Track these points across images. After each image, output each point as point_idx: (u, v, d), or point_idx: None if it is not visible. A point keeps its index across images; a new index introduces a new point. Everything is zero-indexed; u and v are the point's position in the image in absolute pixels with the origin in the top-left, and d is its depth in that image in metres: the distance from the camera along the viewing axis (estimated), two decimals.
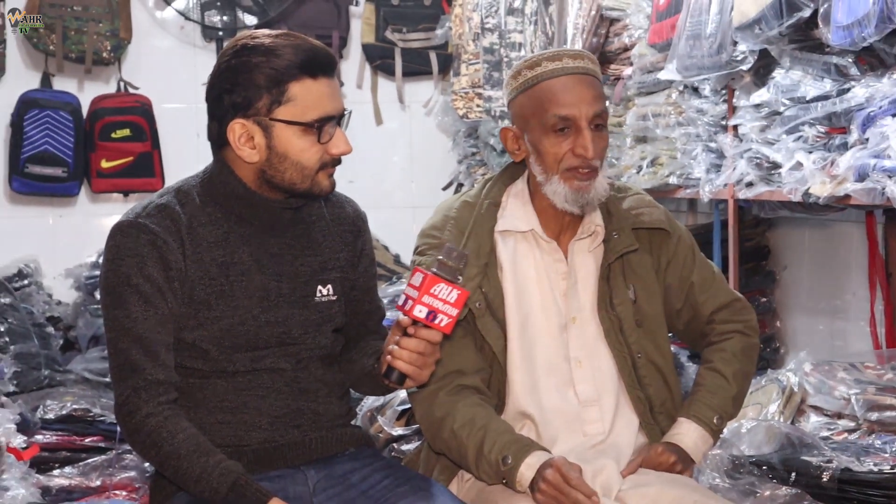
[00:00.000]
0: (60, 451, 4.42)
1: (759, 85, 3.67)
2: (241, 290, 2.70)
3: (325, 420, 2.79)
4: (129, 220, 2.67)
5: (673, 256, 2.95)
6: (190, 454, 2.55)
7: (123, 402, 2.61)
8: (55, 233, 5.99)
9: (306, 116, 2.63)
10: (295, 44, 2.65)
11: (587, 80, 2.82)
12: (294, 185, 2.68)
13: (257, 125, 2.64)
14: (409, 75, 6.38)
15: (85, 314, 5.36)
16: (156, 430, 2.57)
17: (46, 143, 5.75)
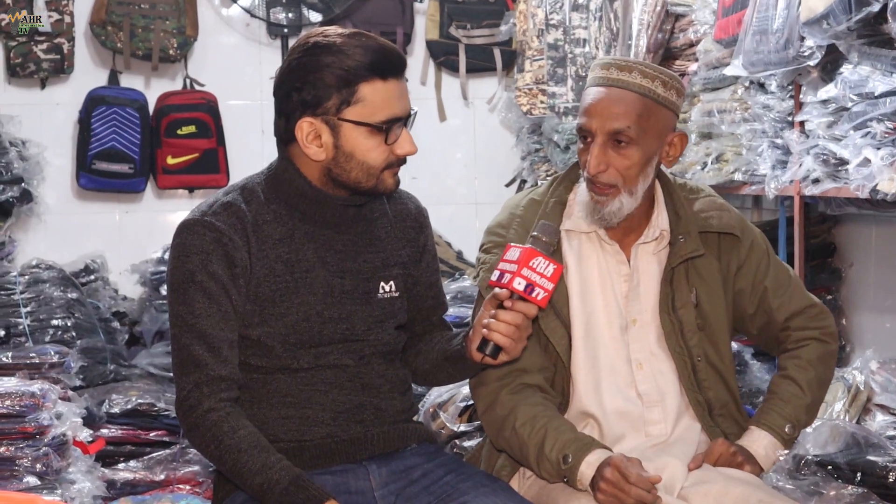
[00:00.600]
0: (125, 444, 4.46)
1: (826, 80, 3.63)
2: (306, 287, 2.70)
3: (388, 415, 2.79)
4: (195, 218, 2.69)
5: (745, 261, 2.91)
6: (251, 449, 2.56)
7: (185, 396, 2.63)
8: (121, 229, 6.04)
9: (375, 118, 2.64)
10: (366, 44, 2.65)
11: (620, 94, 2.77)
12: (359, 183, 2.69)
13: (325, 124, 2.65)
14: (472, 72, 6.36)
15: (150, 309, 5.39)
16: (216, 424, 2.58)
17: (113, 140, 5.79)
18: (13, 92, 5.89)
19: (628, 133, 2.75)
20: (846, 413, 3.84)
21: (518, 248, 2.61)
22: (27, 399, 3.49)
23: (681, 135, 2.88)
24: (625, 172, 2.77)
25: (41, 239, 5.87)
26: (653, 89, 2.79)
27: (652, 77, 2.80)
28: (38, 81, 5.89)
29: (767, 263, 2.94)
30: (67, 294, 5.03)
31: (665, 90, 2.81)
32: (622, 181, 2.77)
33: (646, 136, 2.78)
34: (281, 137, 2.74)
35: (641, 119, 2.76)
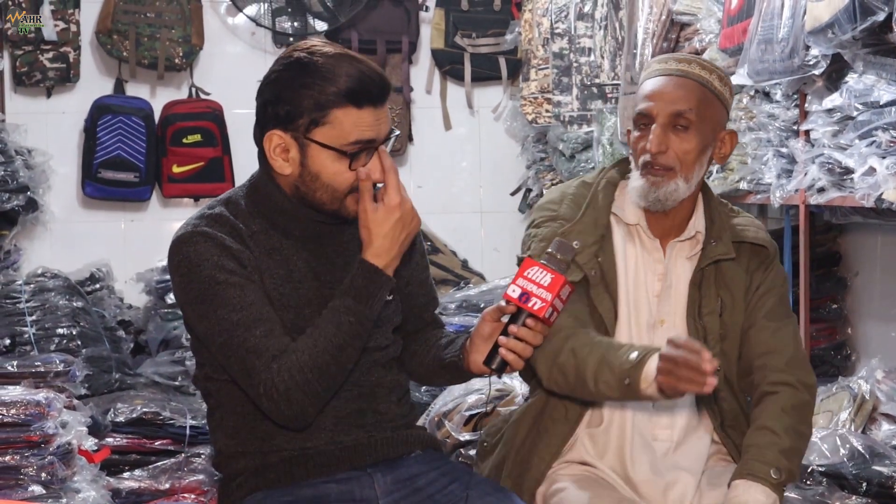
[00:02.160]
0: (130, 453, 4.45)
1: (831, 89, 3.62)
2: (301, 299, 2.69)
3: (388, 420, 2.79)
4: (189, 231, 2.66)
5: (765, 278, 2.91)
6: (318, 330, 2.61)
7: (265, 390, 2.58)
8: (127, 237, 6.04)
9: (341, 141, 2.62)
10: (349, 70, 2.61)
11: (679, 80, 2.82)
12: (323, 204, 2.68)
13: (294, 140, 2.64)
14: (478, 80, 6.37)
15: (155, 318, 5.39)
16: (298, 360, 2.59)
17: (119, 149, 5.80)
18: (19, 101, 5.90)
19: (689, 116, 2.79)
20: (851, 423, 3.84)
21: (548, 273, 2.59)
22: (32, 408, 3.49)
23: (732, 133, 2.92)
24: (683, 157, 2.79)
25: (47, 247, 5.88)
26: (711, 80, 2.84)
27: (710, 70, 2.86)
28: (44, 90, 5.90)
29: (781, 291, 2.93)
30: (73, 303, 5.04)
31: (721, 84, 2.87)
32: (679, 165, 2.80)
33: (704, 123, 2.82)
34: (256, 142, 2.73)
35: (701, 105, 2.81)
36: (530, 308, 2.58)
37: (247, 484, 2.71)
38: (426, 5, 6.31)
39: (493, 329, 2.70)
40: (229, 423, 2.74)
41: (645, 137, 2.81)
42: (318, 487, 2.67)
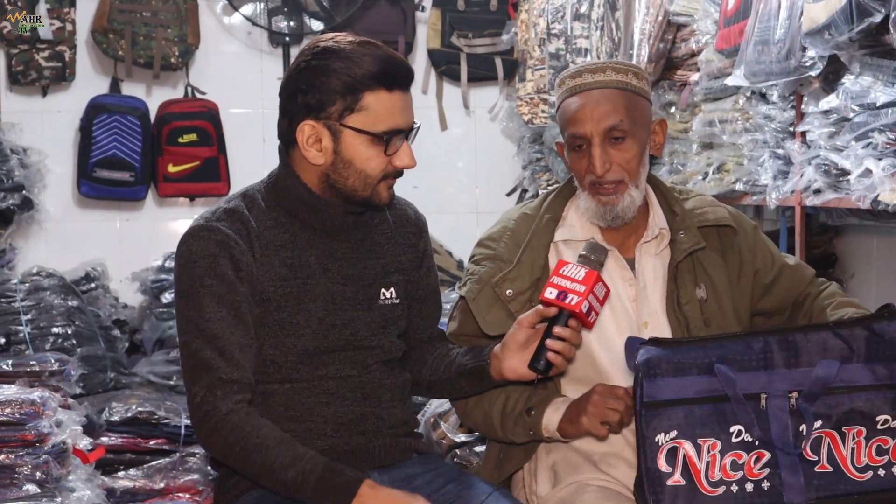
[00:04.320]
0: (125, 453, 4.46)
1: (827, 91, 3.62)
2: (308, 294, 2.70)
3: (388, 426, 2.79)
4: (200, 225, 2.69)
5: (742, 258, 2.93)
6: (278, 445, 2.55)
7: (200, 402, 2.60)
8: (122, 237, 6.04)
9: (376, 127, 2.64)
10: (375, 53, 2.65)
11: (602, 93, 2.82)
12: (355, 191, 2.69)
13: (327, 129, 2.66)
14: (474, 81, 6.37)
15: (150, 317, 5.40)
16: (238, 426, 2.57)
17: (115, 148, 5.79)
18: (15, 100, 5.90)
19: (622, 127, 2.80)
20: None
21: (582, 269, 2.64)
22: (27, 407, 3.49)
23: (661, 121, 2.97)
24: (627, 166, 2.81)
25: (42, 247, 5.88)
26: (628, 82, 2.86)
27: (624, 71, 2.87)
28: (39, 89, 5.90)
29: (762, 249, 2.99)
30: (68, 302, 5.04)
31: (638, 81, 2.89)
32: (627, 175, 2.82)
33: (637, 127, 2.84)
34: (283, 139, 2.75)
35: (629, 112, 2.82)
36: (568, 304, 2.62)
37: (242, 483, 2.72)
38: (422, 5, 6.31)
39: (528, 335, 2.70)
40: None
41: (584, 158, 2.83)
42: None
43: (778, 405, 2.52)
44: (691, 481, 2.51)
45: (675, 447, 2.52)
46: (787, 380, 2.54)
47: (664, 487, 2.52)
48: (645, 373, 2.54)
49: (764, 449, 2.52)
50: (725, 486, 2.51)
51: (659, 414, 2.53)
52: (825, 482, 2.52)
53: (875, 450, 2.54)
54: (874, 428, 2.54)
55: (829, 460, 2.53)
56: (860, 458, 2.53)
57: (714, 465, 2.52)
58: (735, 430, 2.52)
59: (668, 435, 2.52)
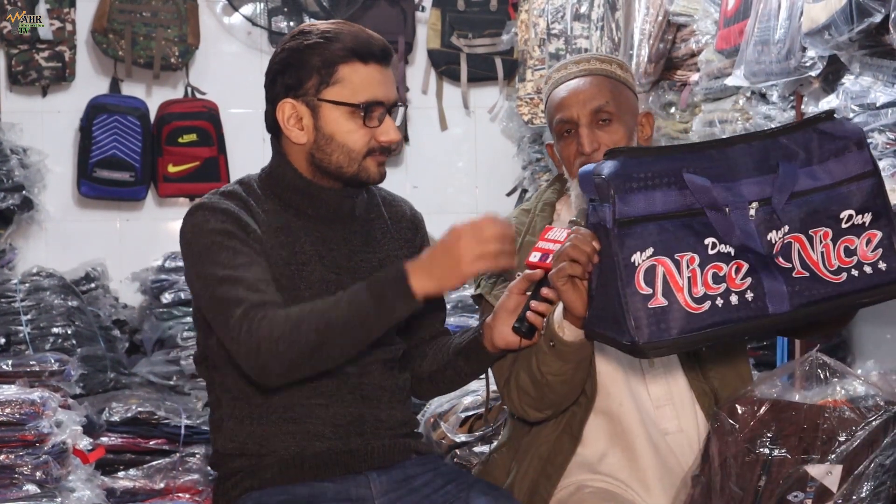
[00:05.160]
0: (125, 453, 4.47)
1: (827, 91, 3.63)
2: (303, 282, 2.70)
3: (388, 427, 2.79)
4: (203, 202, 2.70)
5: None
6: (314, 305, 2.57)
7: (237, 334, 2.55)
8: (122, 237, 6.04)
9: (353, 98, 2.66)
10: (350, 30, 2.70)
11: (586, 79, 2.85)
12: (341, 168, 2.70)
13: (306, 105, 2.68)
14: (474, 81, 6.37)
15: (150, 318, 5.39)
16: (274, 318, 2.53)
17: (115, 148, 5.79)
18: (14, 100, 5.89)
19: (608, 109, 2.83)
20: None
21: (562, 230, 2.64)
22: (27, 407, 3.50)
23: (647, 114, 2.98)
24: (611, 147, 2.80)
25: (42, 247, 5.88)
26: (613, 71, 2.90)
27: (609, 62, 2.91)
28: (39, 89, 5.90)
29: None
30: (68, 302, 5.04)
31: (623, 72, 2.92)
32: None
33: (623, 112, 2.86)
34: (269, 127, 2.77)
35: (615, 96, 2.85)
36: (549, 264, 2.62)
37: (242, 483, 2.72)
38: (422, 5, 6.31)
39: (518, 301, 2.71)
40: (228, 425, 2.75)
41: (573, 143, 2.83)
42: (314, 486, 2.68)
43: (741, 215, 2.43)
44: (674, 300, 2.38)
45: (652, 266, 2.39)
46: (748, 189, 2.46)
47: (645, 311, 2.38)
48: (617, 188, 2.39)
49: (742, 259, 2.42)
50: (710, 300, 2.39)
51: (632, 232, 2.39)
52: (805, 288, 2.45)
53: (843, 251, 2.50)
54: (839, 228, 2.49)
55: (802, 265, 2.46)
56: (831, 261, 2.48)
57: (696, 279, 2.40)
58: (710, 243, 2.42)
59: (645, 253, 2.39)
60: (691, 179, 2.42)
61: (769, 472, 2.61)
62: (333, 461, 2.72)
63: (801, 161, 2.51)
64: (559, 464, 2.82)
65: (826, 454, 2.59)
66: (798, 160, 2.50)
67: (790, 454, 2.62)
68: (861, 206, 2.52)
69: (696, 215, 2.42)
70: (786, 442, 2.62)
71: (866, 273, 2.50)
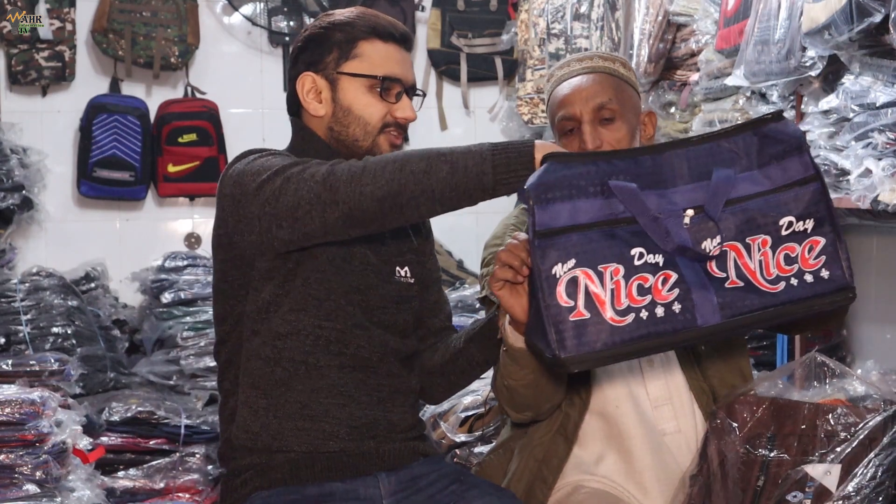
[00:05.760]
0: (125, 453, 4.47)
1: (827, 91, 3.63)
2: (324, 251, 2.69)
3: (399, 430, 2.80)
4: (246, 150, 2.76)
5: None
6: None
7: (272, 179, 2.54)
8: (122, 237, 6.04)
9: (372, 71, 2.74)
10: (372, 13, 2.79)
11: (589, 77, 2.87)
12: (357, 142, 2.76)
13: (325, 79, 2.76)
14: (474, 81, 6.37)
15: (150, 317, 5.39)
16: (356, 162, 2.51)
17: (115, 148, 5.79)
18: (14, 100, 5.89)
19: (611, 106, 2.84)
20: None
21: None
22: (27, 407, 3.50)
23: (650, 113, 2.99)
24: (618, 146, 2.81)
25: (42, 246, 5.88)
26: (616, 69, 2.91)
27: (612, 60, 2.93)
28: (39, 89, 5.90)
29: None
30: (68, 302, 5.04)
31: (626, 70, 2.94)
32: None
33: (626, 110, 2.87)
34: (289, 108, 2.85)
35: (618, 94, 2.87)
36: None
37: (251, 482, 2.73)
38: (422, 5, 6.31)
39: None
40: (242, 414, 2.76)
41: (575, 141, 2.84)
42: (324, 486, 2.70)
43: (675, 223, 2.36)
44: (596, 313, 2.31)
45: (574, 277, 2.32)
46: (682, 196, 2.38)
47: (566, 324, 2.31)
48: (536, 198, 2.34)
49: (670, 269, 2.35)
50: (634, 312, 2.32)
51: (554, 243, 2.33)
52: (738, 298, 2.37)
53: (783, 259, 2.41)
54: (778, 235, 2.41)
55: (737, 275, 2.38)
56: (769, 270, 2.39)
57: (619, 291, 2.33)
58: (636, 253, 2.35)
59: (566, 265, 2.32)
60: (618, 187, 2.35)
61: (768, 472, 2.62)
62: (345, 463, 2.73)
63: (741, 166, 2.43)
64: (555, 466, 2.82)
65: (825, 454, 2.59)
66: (738, 165, 2.43)
67: (789, 454, 2.62)
68: (803, 213, 2.43)
69: (623, 224, 2.35)
70: (784, 442, 2.63)
71: (806, 282, 2.42)
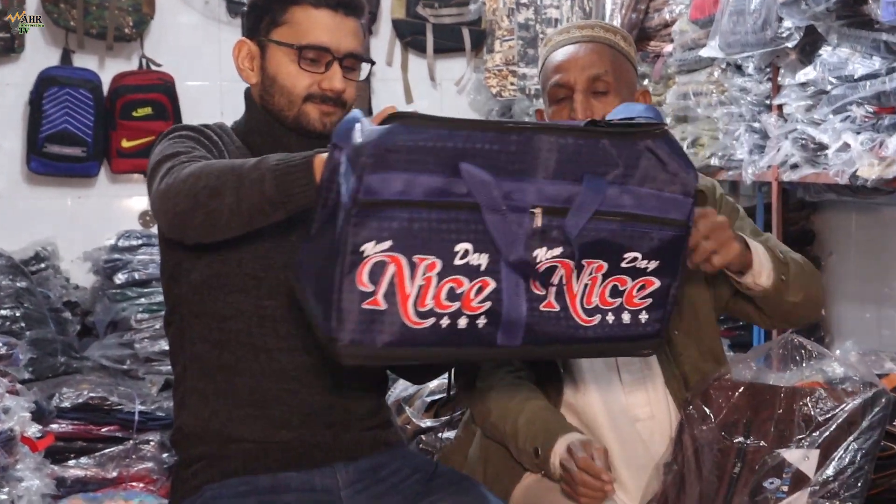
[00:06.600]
0: (76, 440, 4.42)
1: (804, 63, 3.62)
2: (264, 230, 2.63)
3: (358, 418, 2.76)
4: (177, 125, 2.76)
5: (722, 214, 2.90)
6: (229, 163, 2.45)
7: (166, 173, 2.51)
8: (73, 215, 5.99)
9: (294, 40, 2.71)
10: None
11: (588, 46, 2.84)
12: (282, 111, 2.73)
13: (257, 45, 2.76)
14: (440, 52, 6.34)
15: (103, 299, 5.36)
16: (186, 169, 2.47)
17: (66, 122, 5.74)
18: None
19: (606, 79, 2.81)
20: None
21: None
22: None
23: (644, 91, 2.96)
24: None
25: None
26: (616, 42, 2.88)
27: (613, 31, 2.90)
28: None
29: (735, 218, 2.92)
30: (16, 283, 5.00)
31: (626, 44, 2.91)
32: None
33: (621, 85, 2.84)
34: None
35: (615, 67, 2.84)
36: None
37: (203, 473, 2.69)
38: None
39: None
40: (192, 400, 2.73)
41: (565, 110, 2.83)
42: (278, 477, 2.66)
43: (517, 220, 2.13)
44: (394, 306, 2.08)
45: (383, 262, 2.06)
46: (540, 192, 2.14)
47: (356, 309, 2.07)
48: (369, 159, 2.03)
49: (490, 277, 2.12)
50: (435, 318, 2.10)
51: (374, 216, 2.04)
52: (546, 323, 2.19)
53: (610, 290, 2.24)
54: (617, 265, 2.22)
55: (557, 297, 2.19)
56: (590, 298, 2.22)
57: (427, 290, 2.09)
58: (461, 250, 2.10)
59: (380, 245, 2.05)
60: (470, 173, 2.09)
61: (744, 458, 2.61)
62: (299, 453, 2.69)
63: (615, 175, 2.20)
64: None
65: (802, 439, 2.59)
66: (612, 174, 2.20)
67: (766, 440, 2.61)
68: (650, 253, 2.24)
69: (463, 209, 2.10)
70: (761, 427, 2.62)
71: (622, 321, 2.26)
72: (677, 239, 2.26)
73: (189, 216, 2.42)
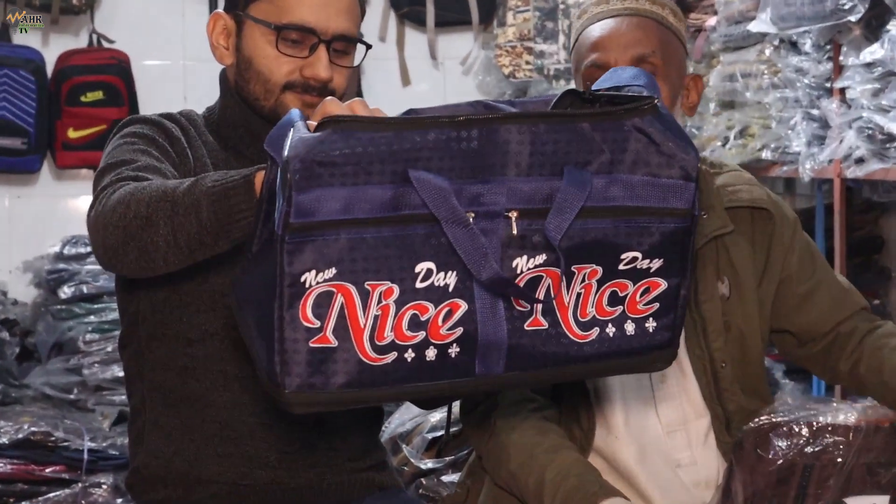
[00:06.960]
0: (16, 482, 4.44)
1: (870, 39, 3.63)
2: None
3: (346, 459, 2.76)
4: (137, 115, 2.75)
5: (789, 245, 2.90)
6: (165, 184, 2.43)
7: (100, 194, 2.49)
8: (11, 217, 6.00)
9: (274, 18, 2.68)
10: None
11: (632, 20, 2.81)
12: (258, 101, 2.71)
13: (234, 20, 2.73)
14: (443, 25, 6.35)
15: (46, 316, 5.37)
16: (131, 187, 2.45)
17: (3, 109, 5.76)
18: None
19: (652, 60, 2.77)
20: None
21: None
22: None
23: (696, 77, 2.92)
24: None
25: None
26: (665, 16, 2.85)
27: (661, 5, 2.86)
28: None
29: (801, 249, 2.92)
30: None
31: (676, 20, 2.87)
32: None
33: (669, 68, 2.80)
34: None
35: (663, 46, 2.80)
36: None
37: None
38: None
39: None
40: (152, 437, 2.72)
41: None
42: None
43: (489, 228, 2.07)
44: (347, 342, 2.03)
45: (329, 292, 2.02)
46: (513, 192, 2.08)
47: (301, 349, 2.02)
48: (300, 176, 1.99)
49: (459, 298, 2.07)
50: (397, 352, 2.04)
51: (313, 241, 2.00)
52: (532, 345, 2.14)
53: (608, 297, 2.18)
54: (614, 269, 2.16)
55: (544, 312, 2.14)
56: (585, 309, 2.16)
57: (385, 321, 2.04)
58: (423, 271, 2.04)
59: (323, 274, 2.01)
60: (422, 181, 2.04)
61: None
62: (278, 498, 2.70)
63: (600, 164, 2.14)
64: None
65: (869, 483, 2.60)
66: (597, 163, 2.14)
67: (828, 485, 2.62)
68: (652, 250, 2.19)
69: (419, 223, 2.04)
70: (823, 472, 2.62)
71: (625, 333, 2.21)
72: (681, 231, 2.20)
73: (121, 252, 2.38)
